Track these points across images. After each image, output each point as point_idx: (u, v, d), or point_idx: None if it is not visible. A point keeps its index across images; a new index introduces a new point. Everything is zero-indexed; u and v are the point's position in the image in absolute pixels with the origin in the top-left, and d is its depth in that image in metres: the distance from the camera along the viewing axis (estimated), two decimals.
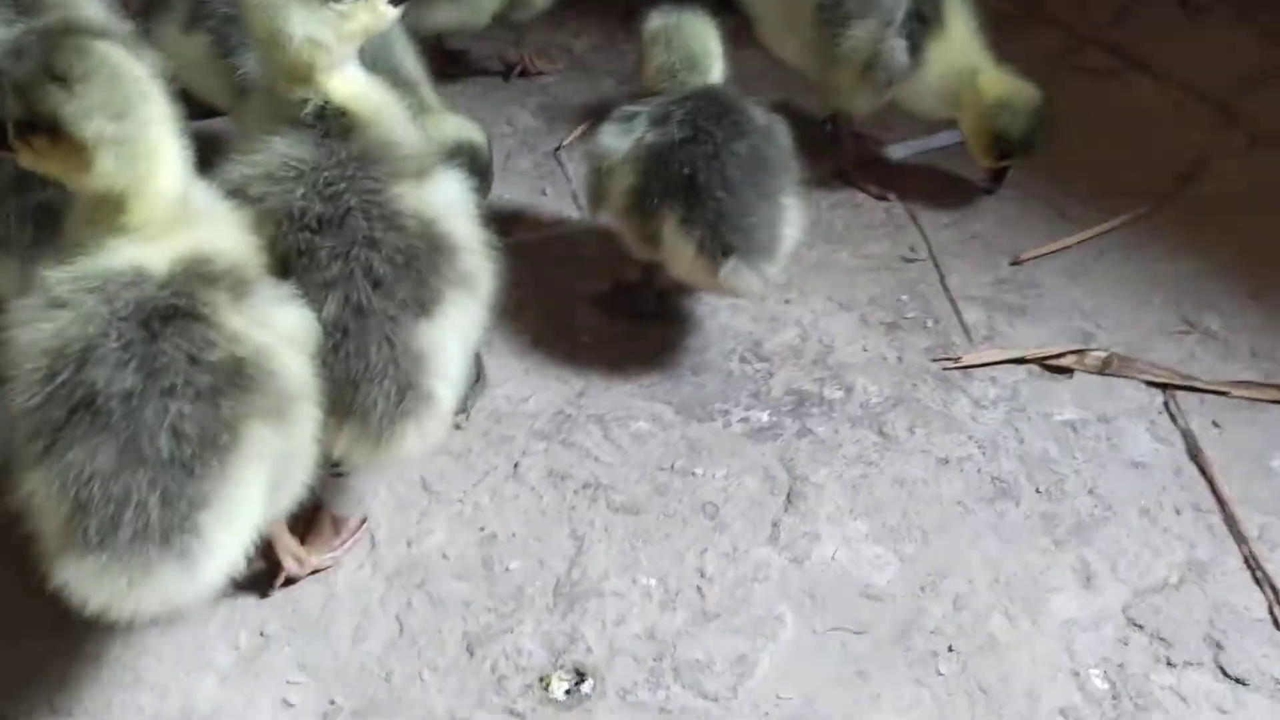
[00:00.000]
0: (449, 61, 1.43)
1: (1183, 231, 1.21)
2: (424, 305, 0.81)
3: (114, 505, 0.68)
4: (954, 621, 0.85)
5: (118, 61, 0.72)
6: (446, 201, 0.85)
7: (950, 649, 0.83)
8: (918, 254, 1.19)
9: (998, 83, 1.19)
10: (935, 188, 1.30)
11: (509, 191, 1.24)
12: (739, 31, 1.18)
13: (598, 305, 1.11)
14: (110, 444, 0.68)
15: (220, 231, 0.77)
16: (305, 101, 0.83)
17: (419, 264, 0.82)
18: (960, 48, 1.20)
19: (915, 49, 1.18)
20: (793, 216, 1.01)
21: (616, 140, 1.01)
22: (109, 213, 0.74)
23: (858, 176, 1.29)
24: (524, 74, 1.41)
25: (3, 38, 0.97)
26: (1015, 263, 1.19)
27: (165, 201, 0.74)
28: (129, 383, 0.69)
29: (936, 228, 1.24)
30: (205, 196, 0.78)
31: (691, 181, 0.97)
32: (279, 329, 0.75)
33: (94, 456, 0.68)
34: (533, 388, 1.03)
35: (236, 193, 0.82)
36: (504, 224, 1.16)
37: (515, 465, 0.96)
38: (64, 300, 0.70)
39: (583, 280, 1.14)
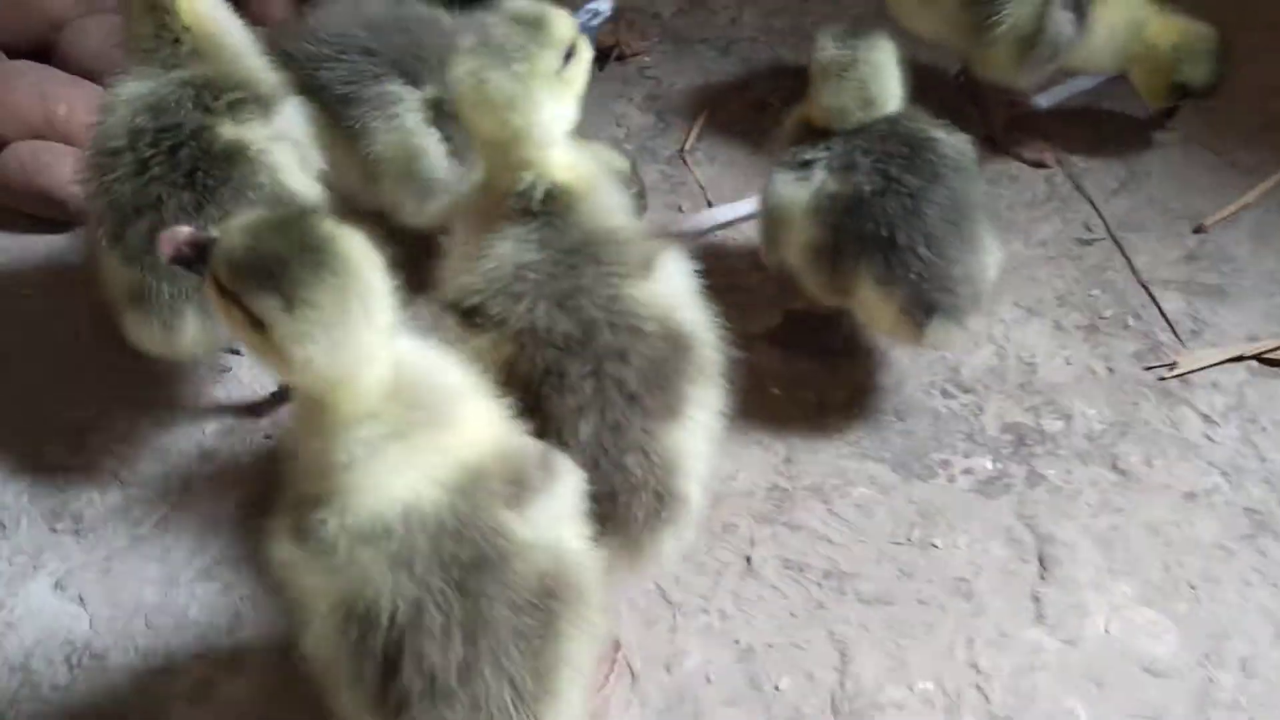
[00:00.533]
0: None
1: None
2: (672, 409, 0.77)
3: None
4: (1247, 691, 0.82)
5: (346, 268, 0.62)
6: (677, 293, 0.79)
7: None
8: (1094, 233, 1.11)
9: (1169, 30, 1.10)
10: (1092, 137, 1.20)
11: (651, 215, 1.14)
12: None
13: (773, 343, 1.04)
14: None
15: (471, 416, 0.69)
16: (528, 188, 0.75)
17: (666, 369, 0.77)
18: (1123, 2, 1.10)
19: (1081, 17, 1.07)
20: (995, 254, 0.93)
21: (792, 190, 0.92)
22: (318, 408, 0.66)
23: (1010, 142, 1.19)
24: (620, 58, 1.28)
25: (148, 91, 0.89)
26: (1199, 229, 1.11)
27: (375, 392, 0.66)
28: (460, 654, 0.63)
29: (1105, 195, 1.15)
30: (432, 366, 0.70)
31: (890, 240, 0.88)
32: (560, 516, 0.69)
33: None
34: (737, 459, 0.96)
35: (470, 313, 0.76)
36: None
37: (748, 559, 0.91)
38: (350, 557, 0.63)
39: (751, 315, 1.06)
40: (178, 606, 0.87)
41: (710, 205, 1.13)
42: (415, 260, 0.70)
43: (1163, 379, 1.00)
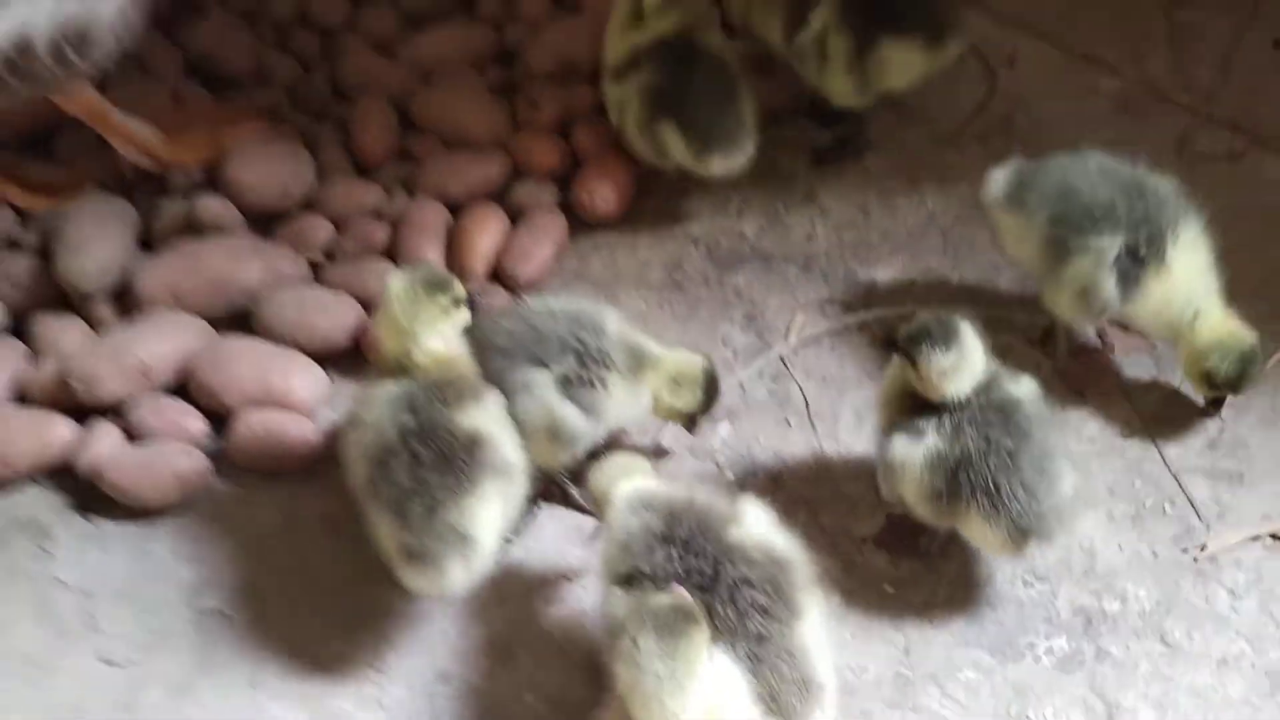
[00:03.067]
0: None
1: None
2: (796, 613, 1.06)
3: None
4: None
5: None
6: (765, 522, 1.11)
7: None
8: (1132, 428, 1.37)
9: (1214, 328, 1.31)
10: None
11: (761, 432, 1.39)
12: None
13: (879, 547, 1.29)
14: None
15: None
16: None
17: (781, 583, 1.06)
18: (1183, 286, 1.32)
19: (1127, 285, 1.29)
20: (1071, 478, 1.19)
21: (910, 450, 1.18)
22: None
23: (1074, 381, 1.39)
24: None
25: (402, 392, 1.20)
26: (1209, 412, 1.36)
27: None
28: None
29: (1139, 391, 1.41)
30: None
31: (995, 489, 1.14)
32: None
33: None
34: (864, 654, 1.21)
35: (629, 580, 1.06)
36: (770, 473, 1.34)
37: None
38: None
39: (855, 520, 1.31)
40: None
41: (814, 426, 1.39)
42: None
43: (1195, 560, 1.26)
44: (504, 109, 1.65)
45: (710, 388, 1.32)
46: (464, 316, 1.24)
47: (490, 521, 1.17)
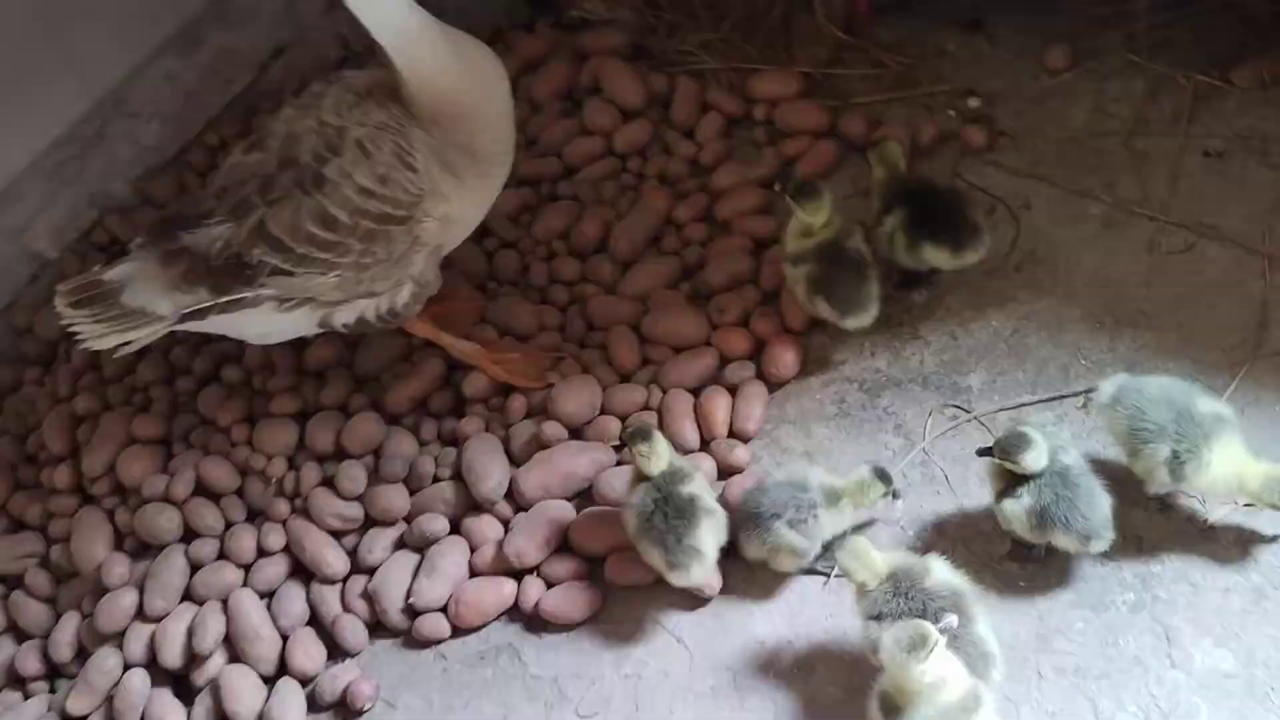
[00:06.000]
0: None
1: None
2: (972, 618, 1.88)
3: None
4: None
5: None
6: (944, 568, 1.94)
7: None
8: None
9: (1256, 477, 1.92)
10: None
11: (922, 501, 2.22)
12: None
13: (1011, 559, 2.10)
14: None
15: None
16: None
17: (961, 603, 1.89)
18: (1222, 474, 1.94)
19: (1175, 477, 1.96)
20: (1108, 505, 2.01)
21: (1014, 506, 1.99)
22: None
23: None
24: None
25: (654, 487, 2.10)
26: None
27: None
28: None
29: None
30: None
31: (1066, 521, 1.96)
32: None
33: None
34: (1014, 625, 2.03)
35: (875, 617, 1.90)
36: (934, 527, 2.15)
37: None
38: None
39: (992, 547, 2.12)
40: None
41: (954, 491, 2.21)
42: None
43: (1202, 530, 2.06)
44: (702, 316, 2.52)
45: (884, 478, 2.16)
46: None
47: (710, 542, 2.10)
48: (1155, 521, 2.07)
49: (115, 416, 2.53)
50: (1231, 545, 2.01)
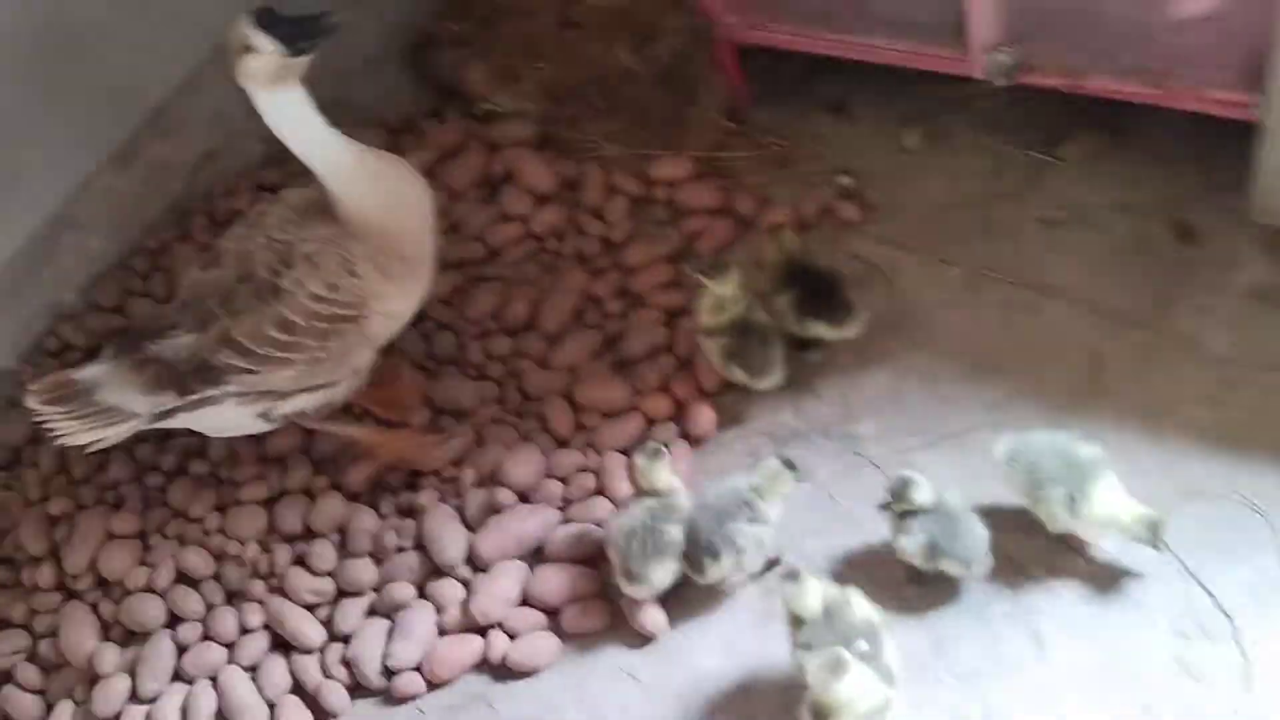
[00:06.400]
0: None
1: None
2: (880, 645, 2.24)
3: None
4: None
5: None
6: (864, 605, 2.27)
7: None
8: None
9: (1129, 513, 2.23)
10: None
11: (819, 529, 2.60)
12: None
13: (910, 581, 2.49)
14: None
15: None
16: None
17: (874, 633, 2.24)
18: (1105, 510, 2.25)
19: (1071, 513, 2.28)
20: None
21: (907, 540, 2.37)
22: None
23: None
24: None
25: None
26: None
27: None
28: None
29: None
30: None
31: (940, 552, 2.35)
32: None
33: None
34: (921, 636, 2.41)
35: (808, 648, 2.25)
36: (847, 561, 2.53)
37: None
38: None
39: (891, 572, 2.51)
40: None
41: (859, 525, 2.59)
42: None
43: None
44: (626, 383, 2.84)
45: (790, 465, 2.45)
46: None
47: (665, 577, 2.45)
48: (1022, 545, 2.47)
49: (91, 515, 2.72)
50: (1079, 557, 2.43)
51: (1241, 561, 2.34)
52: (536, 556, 2.64)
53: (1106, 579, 2.38)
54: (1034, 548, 2.46)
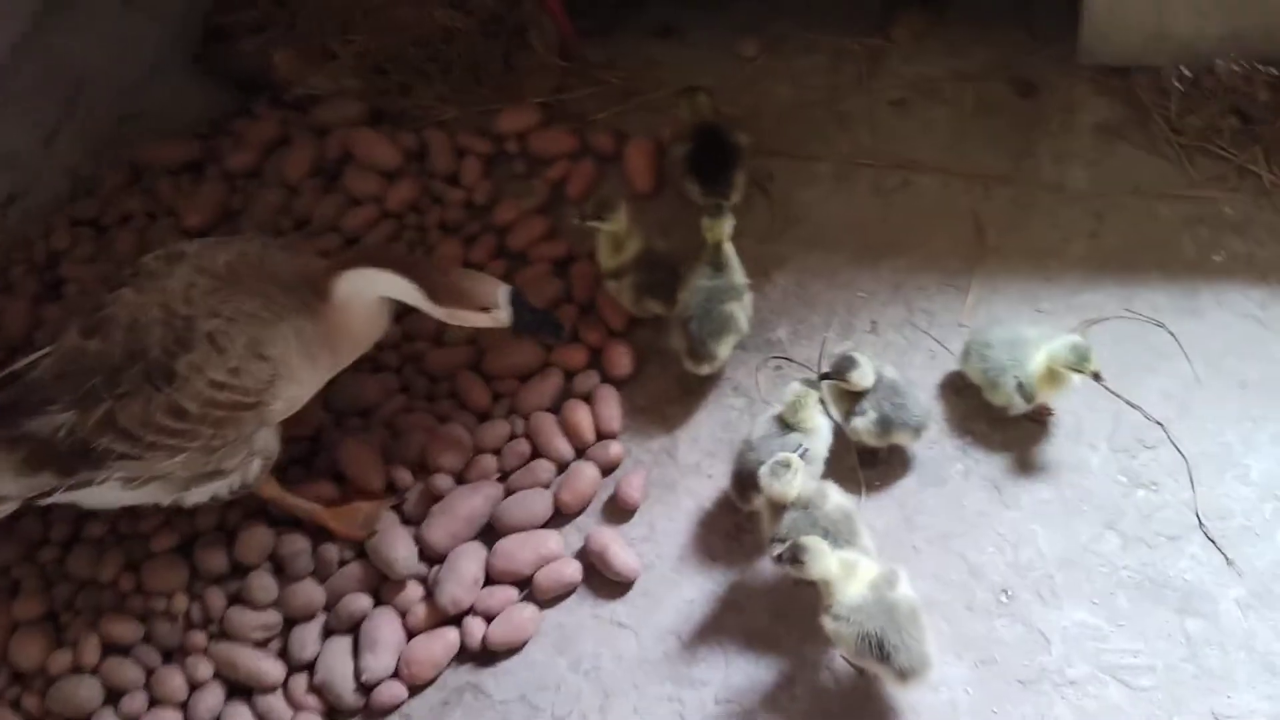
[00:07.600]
0: None
1: None
2: (855, 531, 2.29)
3: None
4: None
5: None
6: (838, 494, 2.32)
7: None
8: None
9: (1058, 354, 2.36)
10: None
11: None
12: None
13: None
14: None
15: None
16: None
17: (849, 515, 2.29)
18: (1049, 380, 2.38)
19: (1028, 397, 2.40)
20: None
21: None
22: None
23: None
24: None
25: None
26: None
27: None
28: None
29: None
30: None
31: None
32: None
33: None
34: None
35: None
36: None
37: None
38: None
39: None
40: None
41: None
42: None
43: None
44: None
45: (812, 384, 2.44)
46: None
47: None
48: (956, 405, 2.57)
49: None
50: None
51: (1155, 371, 2.52)
52: (489, 534, 2.54)
53: (1048, 423, 2.51)
54: (968, 407, 2.56)
